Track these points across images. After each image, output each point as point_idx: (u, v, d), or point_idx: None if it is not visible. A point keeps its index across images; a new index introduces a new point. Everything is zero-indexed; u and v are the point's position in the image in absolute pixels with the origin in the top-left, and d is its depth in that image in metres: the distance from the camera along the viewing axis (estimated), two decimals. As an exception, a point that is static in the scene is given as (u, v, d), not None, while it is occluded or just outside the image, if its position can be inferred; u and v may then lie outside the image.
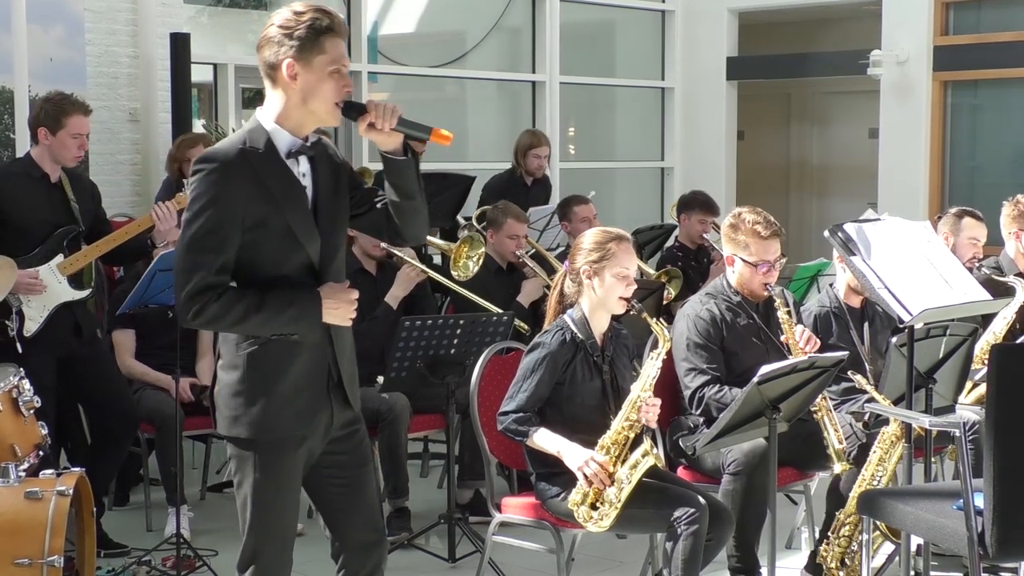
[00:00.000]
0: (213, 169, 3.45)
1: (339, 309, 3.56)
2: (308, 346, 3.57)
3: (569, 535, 4.83)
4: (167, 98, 8.38)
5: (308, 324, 3.53)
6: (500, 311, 6.04)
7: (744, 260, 5.26)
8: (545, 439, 4.57)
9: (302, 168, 3.59)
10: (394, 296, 6.29)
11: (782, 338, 5.17)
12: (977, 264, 6.46)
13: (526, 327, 6.41)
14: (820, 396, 4.96)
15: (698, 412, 5.14)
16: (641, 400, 4.51)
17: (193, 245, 3.45)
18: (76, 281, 5.64)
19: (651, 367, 4.55)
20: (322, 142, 3.68)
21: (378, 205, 3.75)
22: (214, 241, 3.43)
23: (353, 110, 3.54)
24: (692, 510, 4.39)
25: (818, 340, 5.21)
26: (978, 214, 6.64)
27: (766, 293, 5.27)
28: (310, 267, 3.57)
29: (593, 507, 4.47)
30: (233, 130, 9.08)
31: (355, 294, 3.61)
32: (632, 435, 4.51)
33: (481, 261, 6.63)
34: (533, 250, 7.45)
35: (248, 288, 3.50)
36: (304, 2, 3.56)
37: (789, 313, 5.20)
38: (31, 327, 5.47)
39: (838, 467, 4.92)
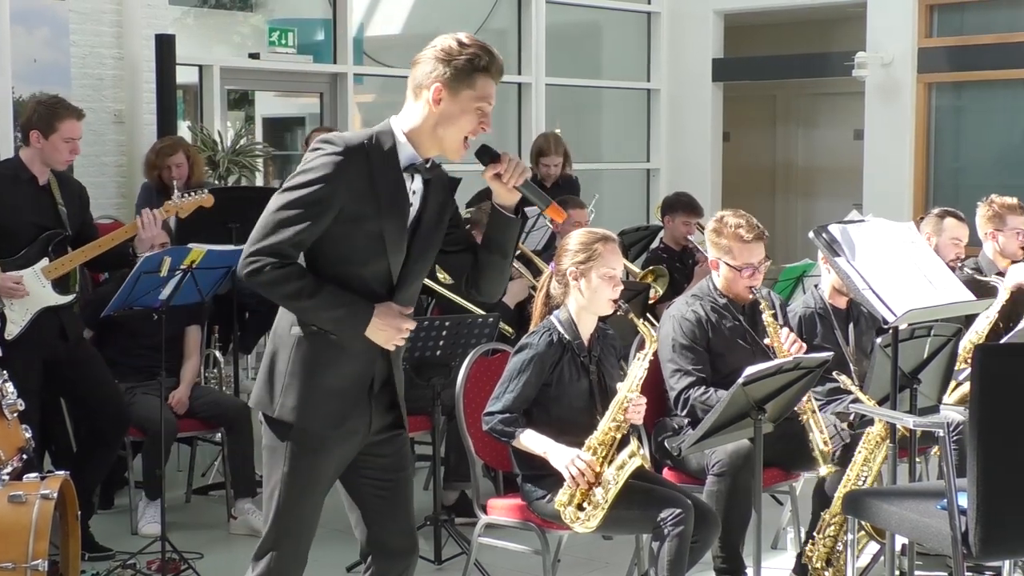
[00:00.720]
0: (334, 151, 3.46)
1: (386, 332, 3.52)
2: (361, 351, 3.56)
3: (555, 536, 4.83)
4: (152, 99, 8.36)
5: (350, 332, 3.50)
6: (485, 313, 6.04)
7: (728, 264, 5.26)
8: (531, 440, 4.57)
9: (415, 185, 3.59)
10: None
11: (767, 341, 5.17)
12: (960, 265, 6.48)
13: (511, 330, 6.41)
14: (805, 398, 4.98)
15: (683, 414, 5.15)
16: (628, 400, 4.52)
17: (284, 209, 3.45)
18: (61, 285, 5.61)
19: (638, 368, 4.56)
20: (443, 171, 3.69)
21: (470, 251, 3.77)
22: (305, 216, 3.43)
23: (486, 155, 3.58)
24: (678, 511, 4.40)
25: (803, 344, 5.21)
26: (960, 214, 6.66)
27: (751, 296, 5.27)
28: (387, 280, 3.57)
29: (580, 508, 4.47)
30: (219, 132, 9.10)
31: (409, 324, 3.57)
32: (619, 436, 4.51)
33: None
34: (518, 251, 7.44)
35: (317, 276, 3.50)
36: (472, 36, 3.58)
37: (774, 316, 5.21)
38: (12, 330, 5.45)
39: (823, 469, 4.93)
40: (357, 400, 3.59)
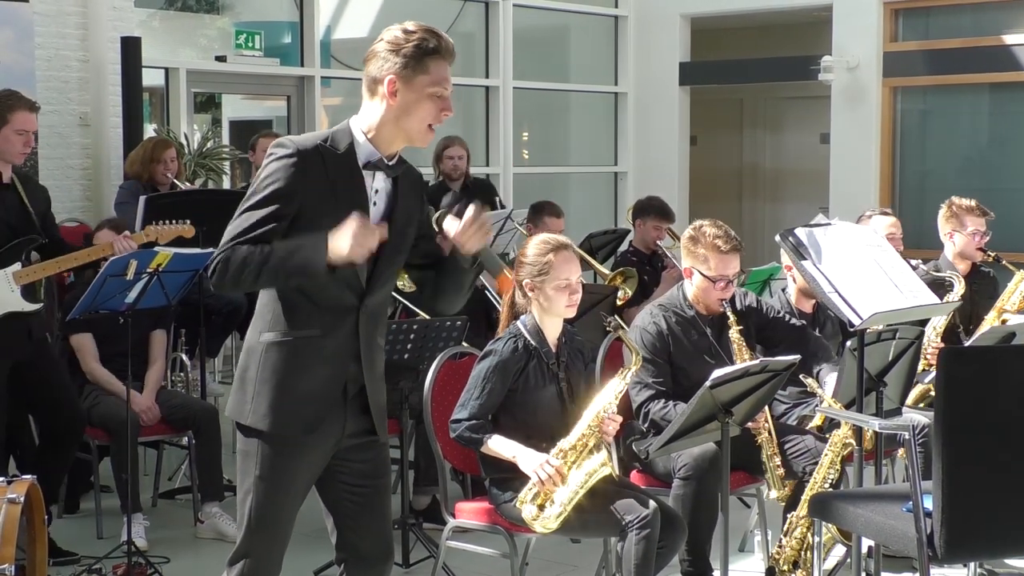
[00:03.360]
0: (286, 154, 3.46)
1: (349, 239, 3.35)
2: (332, 356, 3.55)
3: (523, 540, 4.83)
4: (118, 102, 8.33)
5: (317, 262, 3.38)
6: (452, 316, 6.03)
7: (702, 274, 5.24)
8: (500, 445, 4.57)
9: (377, 184, 3.58)
10: None
11: (735, 358, 5.17)
12: (914, 264, 6.54)
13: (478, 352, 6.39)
14: (763, 418, 5.00)
15: (645, 426, 5.16)
16: (606, 412, 4.52)
17: (245, 214, 3.47)
18: (28, 292, 5.57)
19: (620, 383, 4.56)
20: (414, 173, 3.68)
21: (432, 269, 3.74)
22: (265, 220, 3.43)
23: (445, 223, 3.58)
24: (643, 514, 4.41)
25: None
26: (888, 211, 6.77)
27: (721, 309, 5.27)
28: (357, 283, 3.53)
29: (541, 508, 4.48)
30: (185, 135, 9.07)
31: (371, 227, 3.41)
32: (592, 443, 4.51)
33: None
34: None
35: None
36: (416, 23, 3.56)
37: (741, 333, 5.21)
38: None
39: (774, 493, 4.99)
40: (331, 404, 3.58)
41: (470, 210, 3.56)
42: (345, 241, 3.34)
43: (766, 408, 5.02)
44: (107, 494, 6.34)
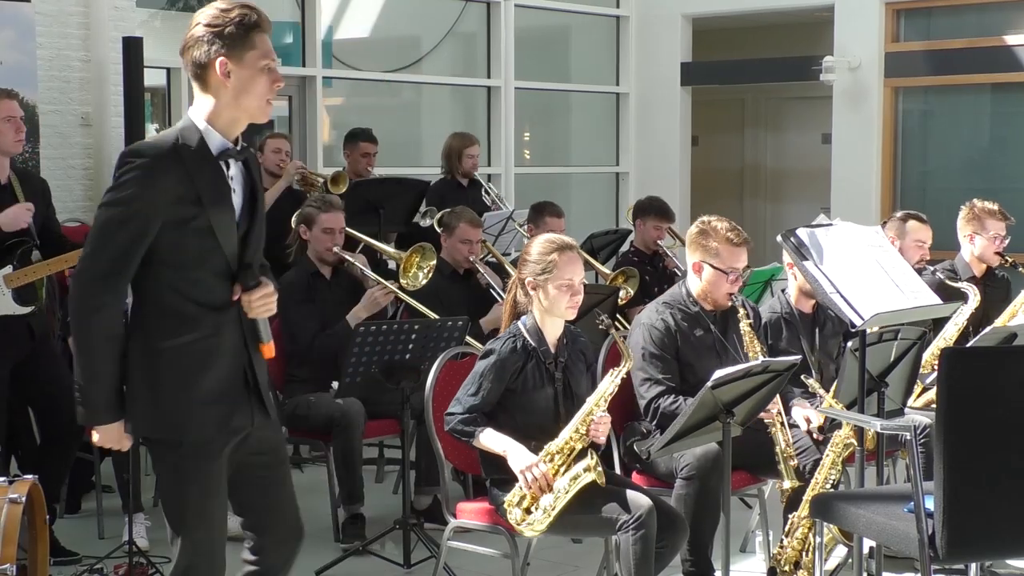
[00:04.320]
0: (143, 164, 3.43)
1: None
2: (229, 349, 3.56)
3: (524, 540, 4.83)
4: (119, 102, 8.32)
5: (88, 408, 3.62)
6: (454, 317, 6.03)
7: (714, 267, 5.23)
8: (491, 439, 4.58)
9: (232, 171, 3.58)
10: (356, 316, 6.23)
11: (744, 350, 5.17)
12: (932, 269, 6.52)
13: (478, 346, 6.41)
14: (775, 410, 5.00)
15: (653, 423, 5.16)
16: (593, 415, 4.52)
17: (106, 230, 3.44)
18: (23, 295, 5.55)
19: (609, 384, 4.56)
20: (249, 150, 3.66)
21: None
22: (128, 236, 3.42)
23: (248, 278, 3.58)
24: (637, 515, 4.41)
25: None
26: (923, 217, 6.70)
27: (730, 303, 5.26)
28: (227, 271, 3.55)
29: (528, 511, 4.48)
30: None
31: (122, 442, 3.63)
32: (579, 446, 4.52)
33: (431, 273, 6.61)
34: (490, 255, 7.46)
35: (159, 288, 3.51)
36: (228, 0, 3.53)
37: (751, 326, 5.21)
38: None
39: (787, 483, 4.98)
40: (237, 397, 3.59)
41: (267, 286, 3.59)
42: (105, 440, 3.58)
43: (778, 400, 5.02)
44: (108, 494, 6.34)
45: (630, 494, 4.53)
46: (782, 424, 5.07)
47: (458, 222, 6.87)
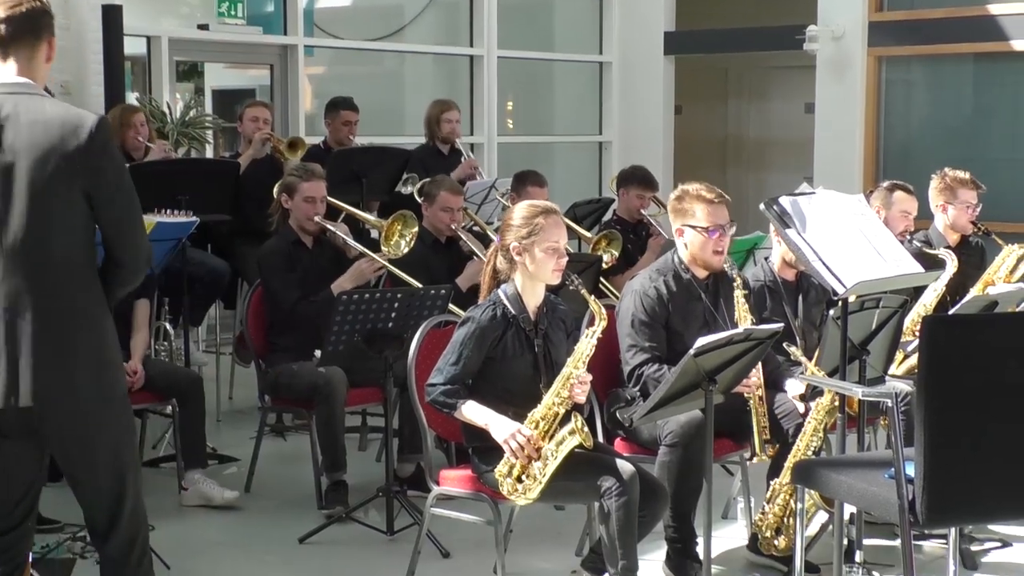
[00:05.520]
0: None
1: None
2: None
3: (507, 507, 4.85)
4: (99, 71, 8.27)
5: None
6: (437, 285, 6.03)
7: (693, 227, 5.22)
8: (473, 411, 4.59)
9: None
10: (340, 287, 6.23)
11: (736, 319, 5.18)
12: (908, 237, 6.53)
13: (463, 313, 6.42)
14: (756, 379, 5.02)
15: (636, 389, 5.17)
16: (573, 377, 4.54)
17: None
18: None
19: (586, 344, 4.57)
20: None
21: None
22: None
23: None
24: (618, 483, 4.43)
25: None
26: (909, 187, 6.70)
27: (721, 266, 5.25)
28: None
29: (519, 480, 4.50)
30: (168, 104, 9.03)
31: None
32: (562, 411, 4.53)
33: (413, 241, 6.61)
34: (472, 223, 7.46)
35: None
36: None
37: (746, 297, 5.22)
38: None
39: (755, 459, 5.03)
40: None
41: None
42: None
43: (760, 371, 5.04)
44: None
45: (612, 461, 4.55)
46: (760, 399, 5.09)
47: (439, 190, 6.86)
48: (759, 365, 4.98)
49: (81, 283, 3.59)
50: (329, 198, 6.59)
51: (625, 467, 4.50)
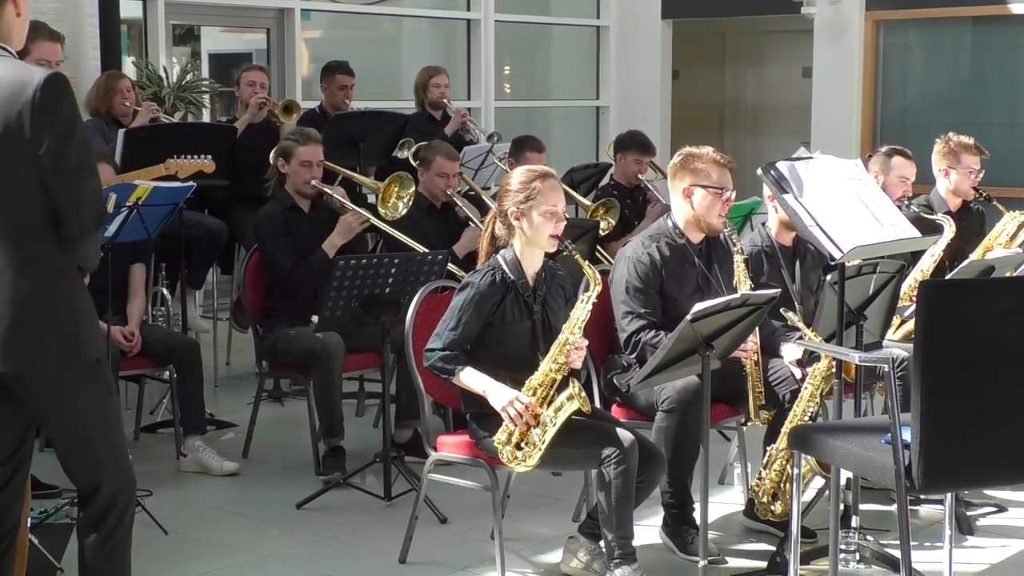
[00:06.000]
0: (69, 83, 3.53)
1: None
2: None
3: (504, 473, 4.86)
4: (95, 35, 8.23)
5: None
6: (434, 251, 6.02)
7: (706, 186, 5.19)
8: (471, 378, 4.58)
9: None
10: (332, 244, 6.25)
11: (734, 283, 5.17)
12: (907, 202, 6.52)
13: (462, 273, 6.41)
14: (753, 345, 5.02)
15: (633, 356, 5.16)
16: (569, 343, 4.53)
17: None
18: None
19: (581, 310, 4.55)
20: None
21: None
22: None
23: None
24: (618, 451, 4.43)
25: None
26: (907, 152, 6.68)
27: (723, 228, 5.22)
28: None
29: (518, 447, 4.50)
30: (164, 68, 8.99)
31: None
32: (559, 377, 4.52)
33: (411, 201, 6.60)
34: (468, 188, 7.44)
35: None
36: None
37: (745, 262, 5.21)
38: None
39: (749, 424, 5.04)
40: None
41: None
42: None
43: (756, 336, 5.04)
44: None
45: (612, 429, 4.55)
46: (756, 364, 5.09)
47: (435, 155, 6.84)
48: (755, 330, 4.98)
49: (46, 246, 3.53)
50: (326, 162, 6.57)
51: (625, 435, 4.50)
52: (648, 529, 5.17)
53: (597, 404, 5.14)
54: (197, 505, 5.74)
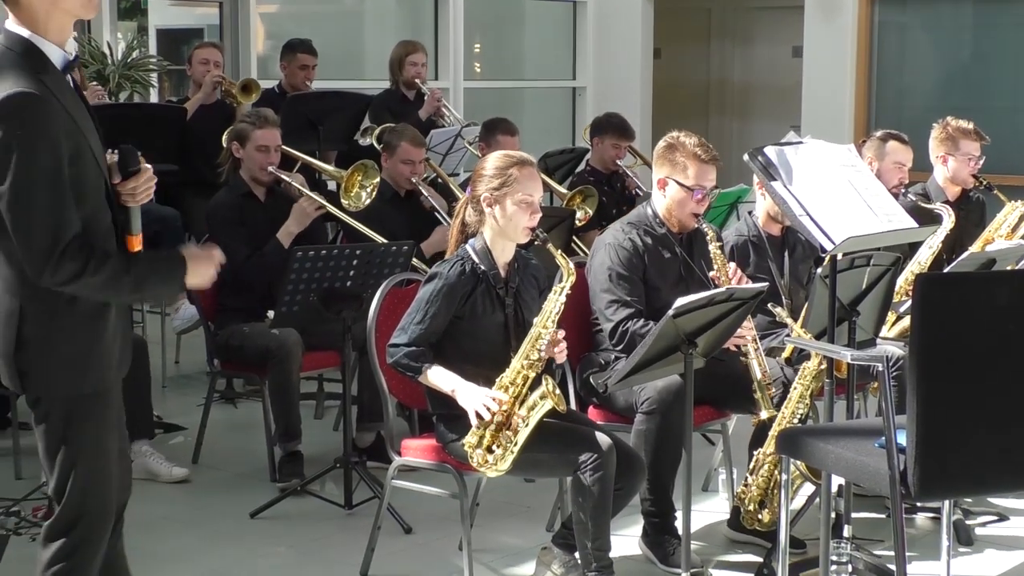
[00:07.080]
0: (33, 105, 3.26)
1: (204, 266, 3.64)
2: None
3: (473, 479, 4.85)
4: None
5: (175, 285, 3.64)
6: (399, 241, 6.01)
7: (679, 183, 5.21)
8: (439, 377, 4.57)
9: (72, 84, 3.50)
10: (288, 232, 6.24)
11: (712, 274, 5.18)
12: (903, 191, 6.55)
13: (427, 268, 6.41)
14: (750, 335, 5.02)
15: (620, 347, 5.14)
16: (542, 337, 4.52)
17: (37, 195, 3.27)
18: None
19: (553, 302, 4.53)
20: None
21: None
22: (54, 185, 3.28)
23: (131, 160, 3.53)
24: (595, 456, 4.43)
25: (748, 279, 5.24)
26: (904, 137, 6.70)
27: (695, 224, 5.25)
28: (108, 195, 3.49)
29: (489, 450, 4.48)
30: (108, 44, 8.94)
31: (219, 257, 3.65)
32: (532, 374, 4.50)
33: (375, 192, 6.58)
34: (435, 175, 7.42)
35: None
36: None
37: (721, 248, 5.22)
38: None
39: (764, 413, 5.00)
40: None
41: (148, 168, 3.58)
42: (207, 276, 3.61)
43: (751, 323, 5.04)
44: (26, 432, 6.30)
45: (589, 432, 4.55)
46: (757, 351, 5.07)
47: (399, 140, 6.82)
48: (749, 317, 4.97)
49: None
50: (284, 147, 6.55)
51: (602, 439, 4.49)
52: (627, 539, 5.18)
53: (573, 406, 5.14)
54: (143, 514, 5.68)
